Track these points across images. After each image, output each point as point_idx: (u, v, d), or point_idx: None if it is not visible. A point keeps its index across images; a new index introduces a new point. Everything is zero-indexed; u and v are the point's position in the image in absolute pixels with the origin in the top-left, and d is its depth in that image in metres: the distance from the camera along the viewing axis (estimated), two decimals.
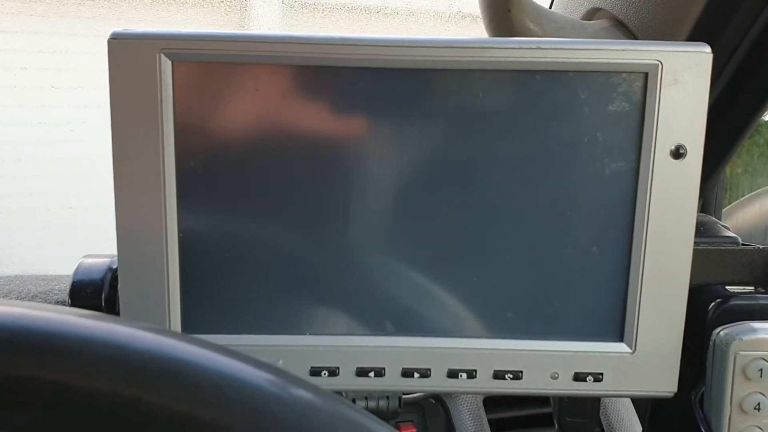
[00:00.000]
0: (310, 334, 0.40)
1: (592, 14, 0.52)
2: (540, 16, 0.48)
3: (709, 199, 0.57)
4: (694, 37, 0.45)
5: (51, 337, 0.25)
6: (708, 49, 0.37)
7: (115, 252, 0.39)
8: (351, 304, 0.40)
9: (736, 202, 0.77)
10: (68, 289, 0.40)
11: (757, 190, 0.77)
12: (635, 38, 0.49)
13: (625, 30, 0.49)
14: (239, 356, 0.25)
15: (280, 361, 0.40)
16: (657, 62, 0.37)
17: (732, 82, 0.50)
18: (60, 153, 1.07)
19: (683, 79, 0.37)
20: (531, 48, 0.37)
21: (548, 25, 0.48)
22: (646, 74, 0.38)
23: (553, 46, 0.37)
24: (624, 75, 0.38)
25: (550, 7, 0.59)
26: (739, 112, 0.51)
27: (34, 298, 0.49)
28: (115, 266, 0.41)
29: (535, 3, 0.48)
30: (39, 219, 1.05)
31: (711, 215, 0.60)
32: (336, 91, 0.38)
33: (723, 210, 0.71)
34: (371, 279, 0.40)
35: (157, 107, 0.37)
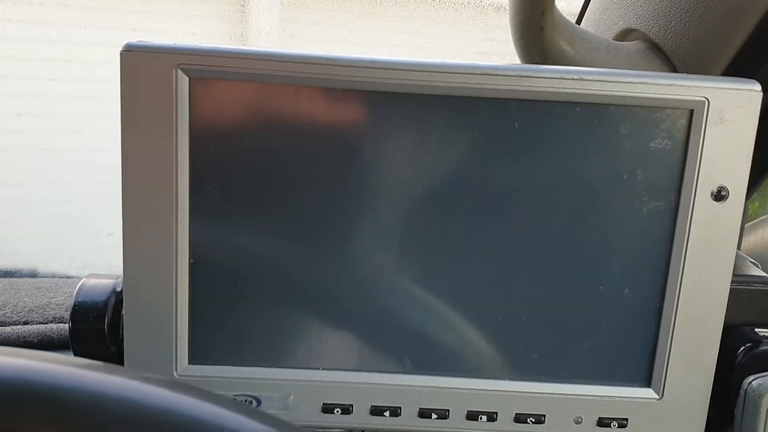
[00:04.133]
0: (323, 368, 0.38)
1: (625, 34, 0.50)
2: (573, 35, 0.45)
3: None
4: (732, 68, 0.43)
5: (55, 392, 0.23)
6: (758, 87, 0.35)
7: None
8: (367, 339, 0.38)
9: (756, 220, 0.75)
10: (69, 312, 0.38)
11: None
12: (671, 63, 0.47)
13: (661, 54, 0.47)
14: (259, 415, 0.24)
15: (291, 397, 0.38)
16: (704, 99, 0.35)
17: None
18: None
19: (730, 118, 0.35)
20: (573, 78, 0.35)
21: (581, 45, 0.46)
22: (692, 111, 0.36)
23: (596, 78, 0.35)
24: (668, 111, 0.36)
25: (578, 23, 0.57)
26: None
27: (30, 312, 0.47)
28: (119, 289, 0.39)
29: (568, 22, 0.46)
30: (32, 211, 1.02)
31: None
32: (363, 115, 0.36)
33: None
34: (389, 314, 0.38)
35: (173, 126, 0.35)
